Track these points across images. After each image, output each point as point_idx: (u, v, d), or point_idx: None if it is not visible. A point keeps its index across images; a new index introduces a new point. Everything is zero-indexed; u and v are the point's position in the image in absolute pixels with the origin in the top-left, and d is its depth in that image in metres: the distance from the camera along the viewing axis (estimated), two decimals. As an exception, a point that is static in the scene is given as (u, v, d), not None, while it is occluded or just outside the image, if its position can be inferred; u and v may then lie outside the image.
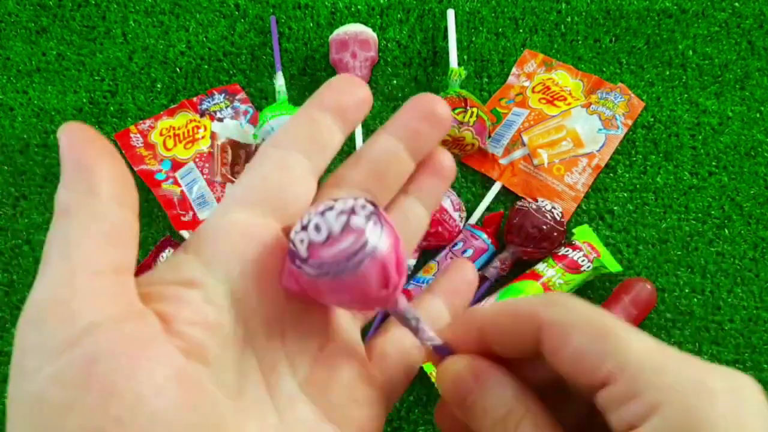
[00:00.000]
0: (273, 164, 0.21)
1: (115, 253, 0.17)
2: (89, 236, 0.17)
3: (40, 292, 0.16)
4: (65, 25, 0.68)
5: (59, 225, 0.17)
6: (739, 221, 0.59)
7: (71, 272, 0.16)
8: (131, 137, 0.61)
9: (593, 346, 0.16)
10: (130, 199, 0.18)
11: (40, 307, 0.16)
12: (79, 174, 0.18)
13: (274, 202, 0.20)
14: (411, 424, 0.52)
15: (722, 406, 0.15)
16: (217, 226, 0.20)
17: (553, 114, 0.62)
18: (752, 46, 0.65)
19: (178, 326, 0.17)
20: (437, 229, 0.55)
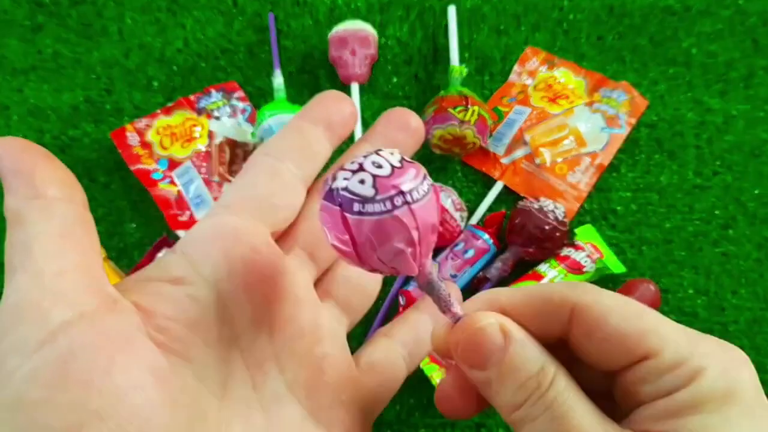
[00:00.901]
0: (264, 171, 0.22)
1: (75, 249, 0.17)
2: (46, 237, 0.17)
3: (10, 299, 0.16)
4: (61, 23, 0.67)
5: (15, 233, 0.17)
6: (743, 221, 0.58)
7: (37, 275, 0.16)
8: (127, 136, 0.60)
9: (632, 326, 0.17)
10: (76, 195, 0.18)
11: (12, 312, 0.16)
12: (20, 180, 0.17)
13: (264, 208, 0.21)
14: (411, 427, 0.52)
15: (746, 372, 0.17)
16: (207, 227, 0.20)
17: (556, 112, 0.61)
18: (757, 44, 0.64)
19: (159, 321, 0.17)
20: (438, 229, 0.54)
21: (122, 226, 0.58)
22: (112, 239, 0.58)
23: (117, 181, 0.60)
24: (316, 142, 0.24)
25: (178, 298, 0.18)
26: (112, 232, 0.58)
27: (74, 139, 0.62)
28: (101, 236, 0.57)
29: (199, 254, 0.19)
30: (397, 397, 0.52)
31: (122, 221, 0.59)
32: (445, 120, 0.55)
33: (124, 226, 0.58)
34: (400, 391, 0.52)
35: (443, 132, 0.56)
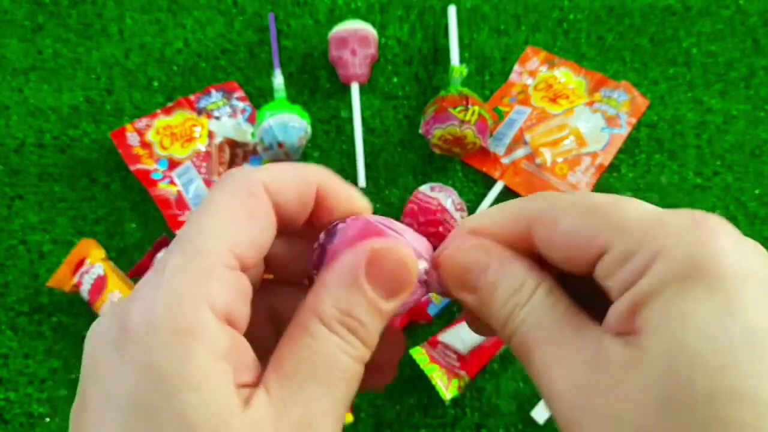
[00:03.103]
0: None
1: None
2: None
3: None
4: (61, 23, 0.67)
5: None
6: (743, 221, 0.58)
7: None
8: (127, 136, 0.60)
9: (582, 223, 0.17)
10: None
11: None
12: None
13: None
14: (411, 427, 0.52)
15: (718, 242, 0.15)
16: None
17: (556, 112, 0.61)
18: (757, 44, 0.64)
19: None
20: (438, 229, 0.54)
21: (122, 226, 0.58)
22: (112, 239, 0.58)
23: (117, 181, 0.60)
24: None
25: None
26: (112, 232, 0.58)
27: (74, 139, 0.62)
28: (101, 236, 0.57)
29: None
30: (398, 397, 0.52)
31: (122, 221, 0.59)
32: (445, 120, 0.55)
33: (124, 226, 0.58)
34: (400, 391, 0.52)
35: (443, 132, 0.56)
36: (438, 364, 0.50)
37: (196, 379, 0.15)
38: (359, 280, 0.18)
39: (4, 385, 0.53)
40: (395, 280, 0.19)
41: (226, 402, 0.15)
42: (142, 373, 0.15)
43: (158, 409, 0.15)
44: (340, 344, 0.18)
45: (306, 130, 0.58)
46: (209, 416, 0.15)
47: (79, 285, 0.53)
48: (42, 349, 0.54)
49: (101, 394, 0.16)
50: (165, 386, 0.15)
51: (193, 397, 0.15)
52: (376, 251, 0.18)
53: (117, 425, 0.15)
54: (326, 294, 0.18)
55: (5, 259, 0.57)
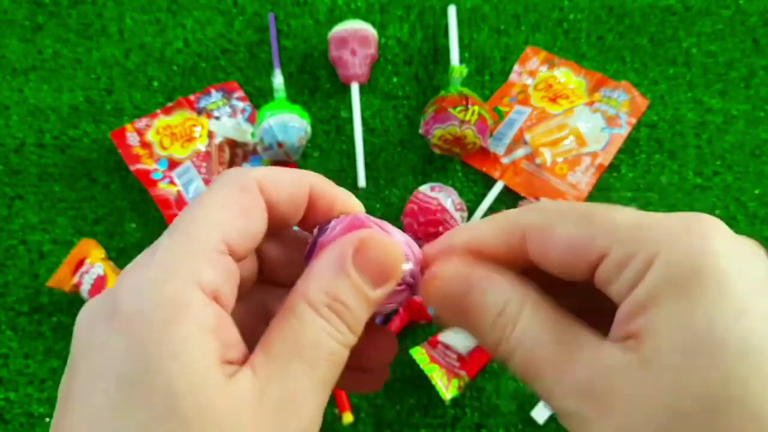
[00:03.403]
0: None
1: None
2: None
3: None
4: (61, 23, 0.67)
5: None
6: (743, 221, 0.58)
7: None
8: (127, 136, 0.60)
9: (578, 230, 0.17)
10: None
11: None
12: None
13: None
14: (411, 427, 0.51)
15: (714, 243, 0.15)
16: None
17: (556, 112, 0.61)
18: (757, 44, 0.64)
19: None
20: (438, 229, 0.54)
21: (122, 226, 0.58)
22: (112, 239, 0.58)
23: (117, 181, 0.60)
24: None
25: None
26: (112, 232, 0.58)
27: (74, 139, 0.62)
28: (101, 236, 0.57)
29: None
30: (398, 397, 0.52)
31: (122, 221, 0.58)
32: (445, 120, 0.55)
33: (124, 226, 0.58)
34: (400, 391, 0.52)
35: (443, 132, 0.56)
36: (438, 364, 0.50)
37: (180, 350, 0.15)
38: (346, 266, 0.19)
39: (4, 385, 0.53)
40: (381, 268, 0.19)
41: (210, 373, 0.16)
42: (128, 344, 0.15)
43: (143, 378, 0.15)
44: (326, 327, 0.18)
45: (306, 130, 0.58)
46: (192, 386, 0.15)
47: (79, 285, 0.53)
48: (42, 349, 0.54)
49: (89, 365, 0.16)
50: (150, 356, 0.15)
51: (177, 367, 0.15)
52: (363, 240, 0.19)
53: (103, 393, 0.15)
54: (314, 279, 0.19)
55: (5, 259, 0.57)
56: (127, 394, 0.15)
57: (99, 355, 0.16)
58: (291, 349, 0.17)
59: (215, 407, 0.15)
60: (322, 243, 0.20)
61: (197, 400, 0.15)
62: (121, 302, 0.16)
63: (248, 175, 0.19)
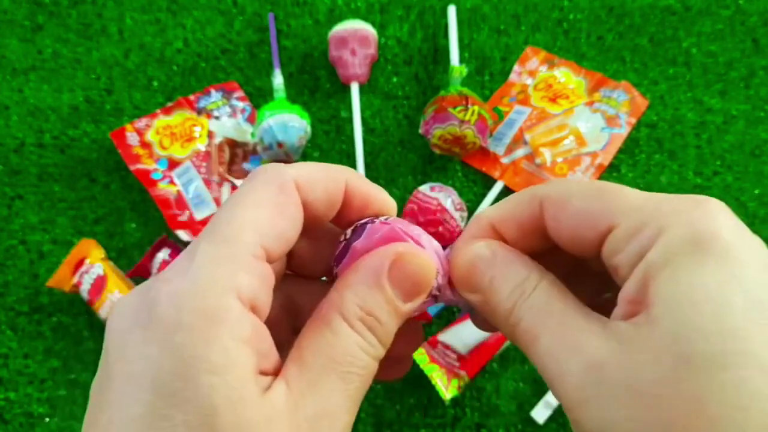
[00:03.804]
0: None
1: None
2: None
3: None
4: (61, 23, 0.67)
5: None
6: (743, 221, 0.58)
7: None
8: (127, 136, 0.60)
9: (592, 203, 0.18)
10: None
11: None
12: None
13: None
14: (411, 427, 0.51)
15: (720, 220, 0.16)
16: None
17: (556, 112, 0.61)
18: (757, 44, 0.64)
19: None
20: (438, 229, 0.54)
21: (122, 226, 0.58)
22: (112, 239, 0.58)
23: (117, 181, 0.60)
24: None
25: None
26: (112, 232, 0.58)
27: (74, 139, 0.62)
28: (101, 236, 0.57)
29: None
30: (397, 397, 0.52)
31: (122, 221, 0.58)
32: (445, 120, 0.55)
33: (124, 226, 0.58)
34: (400, 391, 0.52)
35: (443, 132, 0.56)
36: (438, 364, 0.50)
37: (218, 363, 0.15)
38: (382, 280, 0.19)
39: (4, 385, 0.53)
40: (415, 283, 0.19)
41: (247, 387, 0.16)
42: (167, 354, 0.15)
43: (180, 390, 0.15)
44: (360, 341, 0.18)
45: (306, 130, 0.58)
46: (229, 399, 0.15)
47: (79, 285, 0.53)
48: (42, 349, 0.54)
49: (125, 373, 0.16)
50: (188, 368, 0.15)
51: (215, 380, 0.15)
52: (400, 255, 0.19)
53: (140, 404, 0.15)
54: (350, 292, 0.19)
55: (5, 259, 0.57)
56: (164, 405, 0.15)
57: (136, 363, 0.16)
58: (325, 362, 0.17)
59: (251, 422, 0.15)
60: (356, 249, 0.20)
61: (234, 414, 0.15)
62: (158, 310, 0.16)
63: (286, 174, 0.19)
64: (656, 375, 0.15)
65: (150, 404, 0.15)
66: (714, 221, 0.16)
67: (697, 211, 0.16)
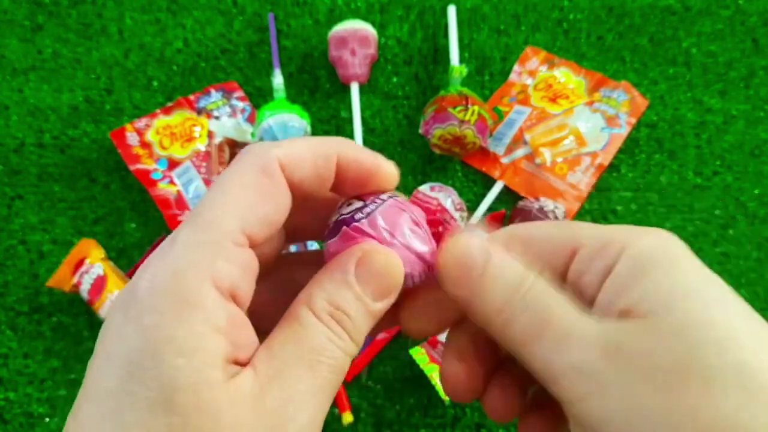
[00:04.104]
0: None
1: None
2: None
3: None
4: (61, 23, 0.67)
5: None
6: (743, 221, 0.58)
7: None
8: (127, 136, 0.60)
9: (553, 231, 0.21)
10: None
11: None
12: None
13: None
14: (411, 427, 0.51)
15: (673, 244, 0.19)
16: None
17: (556, 112, 0.61)
18: (757, 44, 0.64)
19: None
20: (438, 229, 0.54)
21: (122, 226, 0.58)
22: (112, 239, 0.58)
23: (117, 181, 0.60)
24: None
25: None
26: (112, 232, 0.58)
27: (74, 139, 0.62)
28: (101, 236, 0.57)
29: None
30: (397, 397, 0.52)
31: (122, 221, 0.58)
32: (445, 120, 0.55)
33: (124, 226, 0.58)
34: (400, 391, 0.52)
35: (443, 132, 0.56)
36: (438, 364, 0.50)
37: (186, 346, 0.16)
38: (348, 277, 0.19)
39: (4, 385, 0.53)
40: (382, 281, 0.20)
41: (213, 372, 0.16)
42: (139, 335, 0.16)
43: (147, 369, 0.16)
44: (328, 333, 0.18)
45: (306, 130, 0.58)
46: (192, 381, 0.16)
47: (79, 285, 0.53)
48: (42, 349, 0.54)
49: (104, 351, 0.17)
50: (156, 348, 0.16)
51: (180, 362, 0.16)
52: (365, 252, 0.19)
53: (111, 379, 0.16)
54: (318, 288, 0.19)
55: (5, 259, 0.57)
56: (131, 382, 0.16)
57: (114, 342, 0.16)
58: (293, 351, 0.18)
59: (213, 404, 0.16)
60: (329, 252, 0.21)
61: (196, 396, 0.16)
62: (138, 293, 0.17)
63: (269, 155, 0.19)
64: (664, 361, 0.16)
65: (119, 380, 0.16)
66: (670, 244, 0.19)
67: (651, 237, 0.19)
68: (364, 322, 0.19)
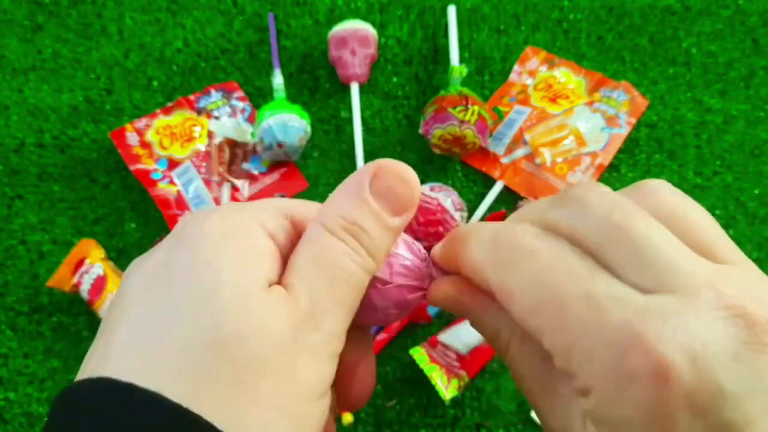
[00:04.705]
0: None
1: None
2: None
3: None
4: (61, 23, 0.67)
5: None
6: (743, 221, 0.58)
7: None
8: (127, 136, 0.60)
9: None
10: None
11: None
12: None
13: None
14: (411, 427, 0.51)
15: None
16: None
17: (556, 112, 0.61)
18: (757, 44, 0.64)
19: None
20: (438, 229, 0.54)
21: (122, 226, 0.58)
22: (112, 239, 0.58)
23: (117, 181, 0.60)
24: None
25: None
26: (112, 232, 0.58)
27: (74, 139, 0.62)
28: (101, 236, 0.57)
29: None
30: (397, 397, 0.52)
31: (122, 221, 0.58)
32: (445, 120, 0.55)
33: (124, 226, 0.58)
34: (401, 391, 0.52)
35: (443, 132, 0.56)
36: (438, 363, 0.50)
37: (233, 262, 0.17)
38: (364, 193, 0.19)
39: (4, 385, 0.53)
40: (399, 195, 0.19)
41: (250, 281, 0.17)
42: (191, 254, 0.17)
43: (198, 274, 0.17)
44: (343, 248, 0.18)
45: (306, 130, 0.58)
46: (236, 288, 0.17)
47: (79, 285, 0.53)
48: (41, 349, 0.54)
49: (141, 278, 0.18)
50: (205, 264, 0.17)
51: (225, 274, 0.17)
52: (380, 167, 0.19)
53: (162, 288, 0.17)
54: (331, 206, 0.19)
55: (5, 259, 0.57)
56: (177, 293, 0.17)
57: (156, 262, 0.18)
58: (311, 269, 0.18)
59: (255, 304, 0.17)
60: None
61: (238, 300, 0.17)
62: (185, 234, 0.18)
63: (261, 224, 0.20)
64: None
65: (170, 290, 0.17)
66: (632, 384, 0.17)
67: (615, 371, 0.17)
68: (382, 238, 0.19)
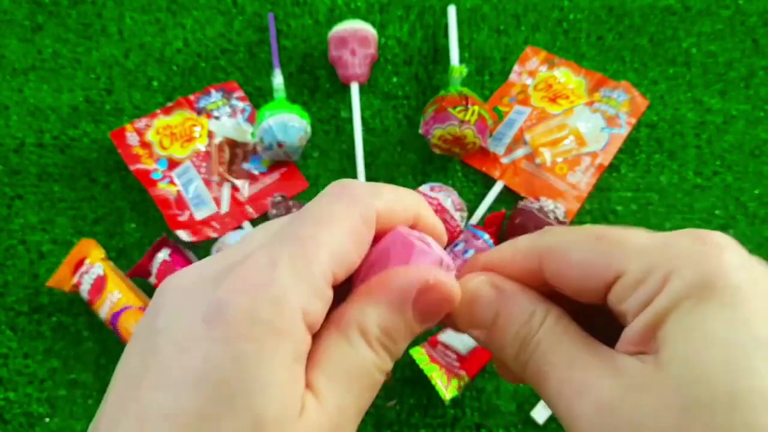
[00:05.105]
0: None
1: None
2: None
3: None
4: (61, 23, 0.67)
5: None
6: (743, 221, 0.58)
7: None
8: (127, 136, 0.60)
9: (594, 252, 0.18)
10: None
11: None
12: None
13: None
14: (411, 427, 0.51)
15: (725, 258, 0.16)
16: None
17: (556, 112, 0.61)
18: (757, 44, 0.64)
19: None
20: (438, 229, 0.54)
21: (122, 226, 0.58)
22: (112, 239, 0.58)
23: (117, 181, 0.60)
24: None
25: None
26: (112, 232, 0.58)
27: (74, 139, 0.62)
28: (101, 236, 0.57)
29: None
30: (397, 397, 0.52)
31: (122, 221, 0.58)
32: (445, 120, 0.55)
33: (124, 226, 0.58)
34: (401, 391, 0.52)
35: (443, 132, 0.56)
36: (438, 363, 0.50)
37: (276, 380, 0.16)
38: (405, 306, 0.19)
39: (4, 385, 0.53)
40: (437, 311, 0.19)
41: (293, 405, 0.16)
42: (230, 359, 0.16)
43: (235, 394, 0.15)
44: (375, 360, 0.19)
45: (306, 130, 0.58)
46: (277, 415, 0.16)
47: (79, 285, 0.53)
48: (41, 349, 0.54)
49: (180, 361, 0.16)
50: (250, 378, 0.16)
51: (270, 395, 0.16)
52: (429, 285, 0.19)
53: (189, 397, 0.15)
54: (372, 310, 0.19)
55: (5, 259, 0.57)
56: (216, 407, 0.15)
57: (194, 355, 0.16)
58: (344, 377, 0.18)
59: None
60: (372, 261, 0.20)
61: (281, 427, 0.16)
62: (230, 312, 0.16)
63: (371, 206, 0.19)
64: (667, 419, 0.15)
65: (205, 400, 0.15)
66: (720, 262, 0.16)
67: (702, 253, 0.16)
68: (406, 344, 0.20)
